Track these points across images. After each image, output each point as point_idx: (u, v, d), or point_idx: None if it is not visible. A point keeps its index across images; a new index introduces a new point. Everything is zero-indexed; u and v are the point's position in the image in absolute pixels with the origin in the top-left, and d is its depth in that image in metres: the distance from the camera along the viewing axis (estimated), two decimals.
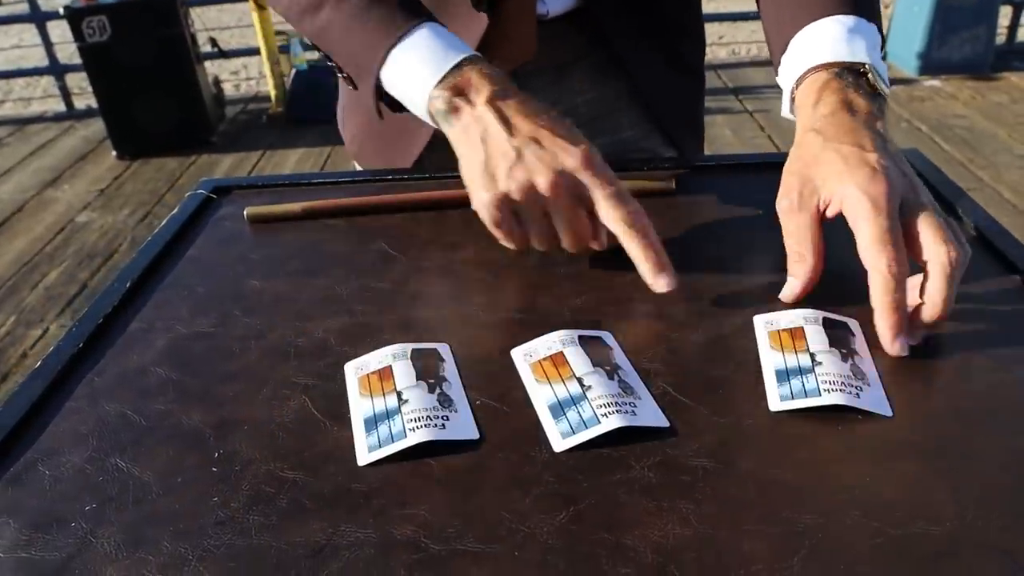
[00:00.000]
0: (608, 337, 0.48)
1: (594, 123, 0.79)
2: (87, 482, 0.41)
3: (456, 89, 0.54)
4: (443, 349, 0.48)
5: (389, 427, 0.42)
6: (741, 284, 0.53)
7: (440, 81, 0.54)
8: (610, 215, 0.50)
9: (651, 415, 0.42)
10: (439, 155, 0.78)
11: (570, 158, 0.50)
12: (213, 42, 3.72)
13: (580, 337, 0.48)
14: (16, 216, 3.00)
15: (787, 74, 0.58)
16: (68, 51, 3.61)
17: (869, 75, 0.54)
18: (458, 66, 0.54)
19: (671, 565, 0.34)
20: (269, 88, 3.79)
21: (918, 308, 0.46)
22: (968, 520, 0.36)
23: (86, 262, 2.62)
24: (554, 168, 0.50)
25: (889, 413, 0.42)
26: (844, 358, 0.45)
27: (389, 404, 0.44)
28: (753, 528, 0.36)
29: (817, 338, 0.47)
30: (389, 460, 0.41)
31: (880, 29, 0.57)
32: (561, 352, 0.47)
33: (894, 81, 3.73)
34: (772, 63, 0.62)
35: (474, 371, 0.47)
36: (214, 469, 0.41)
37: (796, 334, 0.47)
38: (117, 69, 3.30)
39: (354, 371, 0.47)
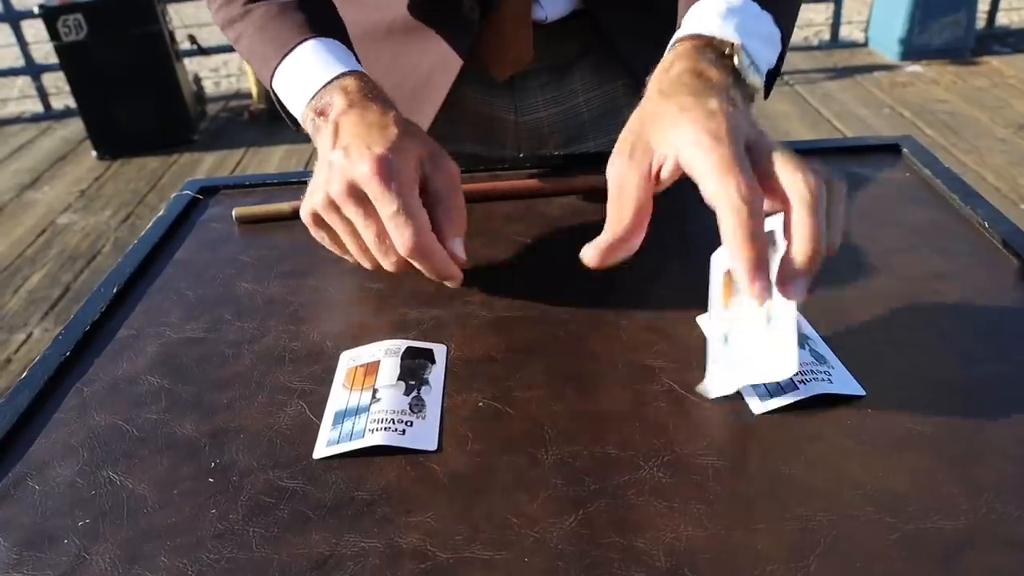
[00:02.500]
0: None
1: (596, 122, 0.78)
2: (79, 497, 0.40)
3: (318, 110, 0.54)
4: (439, 350, 0.47)
5: (353, 424, 0.42)
6: None
7: (309, 101, 0.55)
8: (392, 236, 0.48)
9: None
10: None
11: (362, 165, 0.48)
12: (192, 39, 3.67)
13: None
14: None
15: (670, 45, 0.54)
16: (45, 50, 3.55)
17: (734, 57, 0.48)
18: (328, 84, 0.55)
19: (685, 568, 0.33)
20: (250, 84, 3.75)
21: (788, 253, 0.39)
22: (983, 513, 0.35)
23: (68, 264, 2.58)
24: (346, 177, 0.49)
25: (862, 392, 0.42)
26: (801, 344, 0.44)
27: (362, 401, 0.43)
28: (767, 527, 0.35)
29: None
30: (391, 464, 0.40)
31: (780, 22, 0.52)
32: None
33: (877, 67, 3.74)
34: None
35: (475, 372, 0.46)
36: (211, 480, 0.40)
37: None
38: (95, 68, 3.25)
39: (346, 361, 0.47)
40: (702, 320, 0.48)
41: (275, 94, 0.60)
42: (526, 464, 0.39)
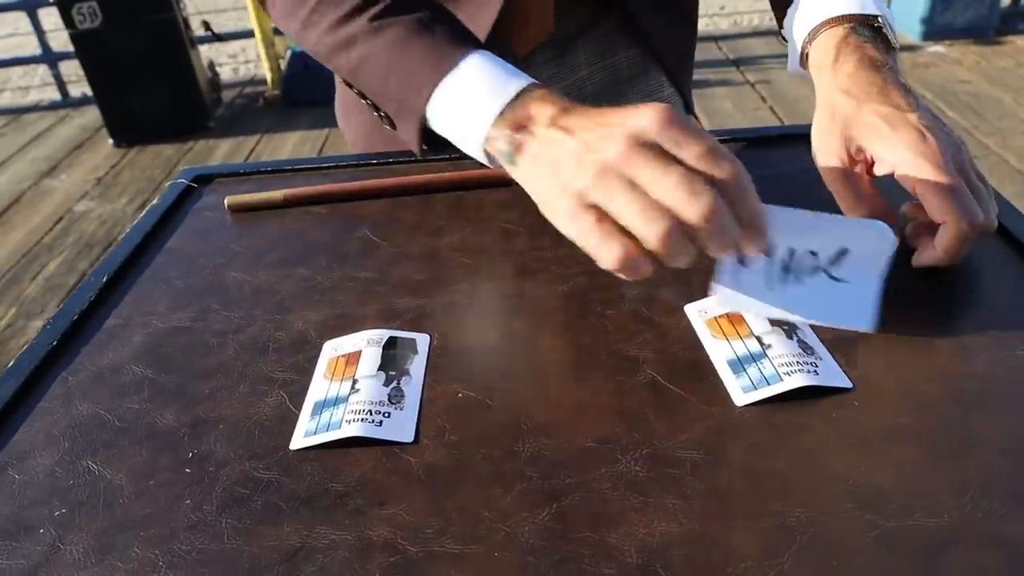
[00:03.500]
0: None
1: (599, 96, 0.77)
2: (58, 486, 0.40)
3: (516, 125, 0.46)
4: (421, 340, 0.47)
5: (331, 415, 0.41)
6: None
7: (498, 118, 0.47)
8: (715, 170, 0.39)
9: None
10: (443, 141, 0.76)
11: (642, 119, 0.40)
12: (206, 25, 3.67)
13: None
14: (14, 207, 2.98)
15: (799, 27, 0.58)
16: (63, 38, 3.57)
17: (884, 28, 0.54)
18: (517, 97, 0.47)
19: (656, 564, 0.32)
20: (265, 71, 3.75)
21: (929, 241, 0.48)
22: (968, 510, 0.34)
23: (85, 252, 2.60)
24: (625, 135, 0.40)
25: (849, 384, 0.41)
26: (789, 335, 0.44)
27: (342, 391, 0.43)
28: (743, 523, 0.34)
29: (757, 319, 0.45)
30: (367, 456, 0.39)
31: None
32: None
33: None
34: (774, 16, 0.61)
35: (457, 362, 0.45)
36: (188, 470, 0.40)
37: (735, 319, 0.45)
38: (110, 56, 3.26)
39: (329, 351, 0.47)
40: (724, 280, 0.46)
41: (425, 119, 0.52)
42: (502, 456, 0.39)
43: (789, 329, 0.44)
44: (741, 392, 0.41)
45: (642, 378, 0.43)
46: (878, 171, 0.50)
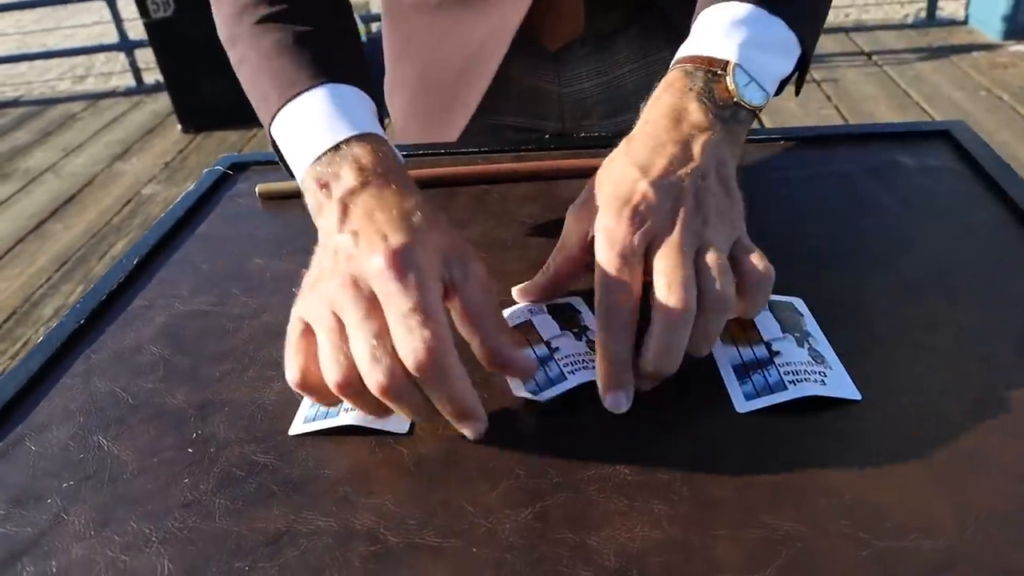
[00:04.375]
0: (578, 302, 0.47)
1: (641, 94, 0.75)
2: (69, 459, 0.41)
3: (321, 181, 0.44)
4: None
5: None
6: None
7: (311, 165, 0.45)
8: (398, 345, 0.36)
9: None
10: (480, 131, 0.76)
11: (373, 257, 0.38)
12: None
13: (548, 306, 0.47)
14: (87, 188, 3.12)
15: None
16: (140, 27, 3.70)
17: (728, 77, 0.46)
18: (335, 149, 0.45)
19: (633, 570, 0.32)
20: None
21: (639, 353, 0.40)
22: (968, 535, 0.33)
23: None
24: (349, 270, 0.39)
25: (857, 396, 0.39)
26: (800, 343, 0.42)
27: None
28: (728, 533, 0.33)
29: (768, 325, 0.44)
30: (360, 445, 0.40)
31: (795, 24, 0.48)
32: (529, 321, 0.46)
33: (976, 47, 3.52)
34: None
35: (461, 355, 0.45)
36: (190, 450, 0.41)
37: (745, 324, 0.44)
38: (181, 44, 3.37)
39: None
40: None
41: (272, 141, 0.51)
42: (493, 452, 0.38)
43: (800, 337, 0.43)
44: (744, 399, 0.40)
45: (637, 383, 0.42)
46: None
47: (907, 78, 3.26)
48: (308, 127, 0.46)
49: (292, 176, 0.49)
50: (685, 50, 0.49)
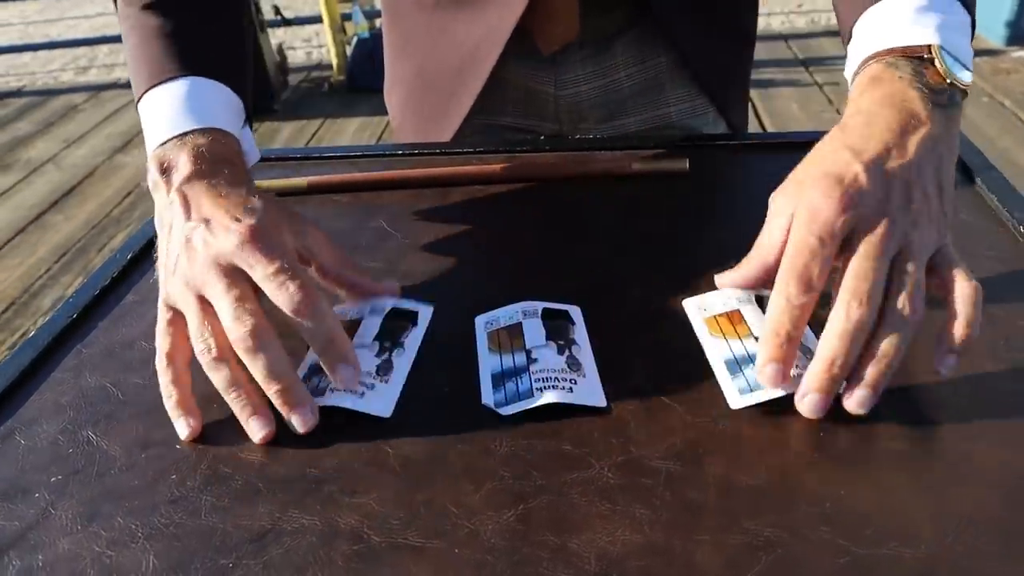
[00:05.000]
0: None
1: (637, 98, 0.76)
2: (58, 454, 0.41)
3: (162, 165, 0.48)
4: (424, 311, 0.49)
5: (319, 381, 0.43)
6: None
7: (157, 147, 0.49)
8: (275, 299, 0.41)
9: (588, 394, 0.41)
10: (475, 131, 0.77)
11: (230, 237, 0.42)
12: (276, 10, 3.76)
13: (544, 310, 0.47)
14: (88, 180, 3.12)
15: (848, 69, 0.50)
16: None
17: (936, 60, 0.44)
18: (179, 138, 0.48)
19: (613, 573, 0.32)
20: (331, 57, 3.82)
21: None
22: (947, 543, 0.33)
23: None
24: (210, 253, 0.42)
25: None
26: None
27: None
28: (709, 538, 0.34)
29: (757, 320, 0.44)
30: (346, 444, 0.40)
31: (969, 5, 0.47)
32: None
33: (978, 52, 3.51)
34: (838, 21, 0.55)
35: (447, 355, 0.46)
36: (178, 446, 0.41)
37: (734, 318, 0.44)
38: None
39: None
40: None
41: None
42: (478, 453, 0.39)
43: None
44: (738, 394, 0.40)
45: (629, 383, 0.42)
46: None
47: None
48: (162, 114, 0.50)
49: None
50: (870, 47, 0.46)
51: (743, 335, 0.43)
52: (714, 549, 0.33)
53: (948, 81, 0.44)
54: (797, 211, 0.40)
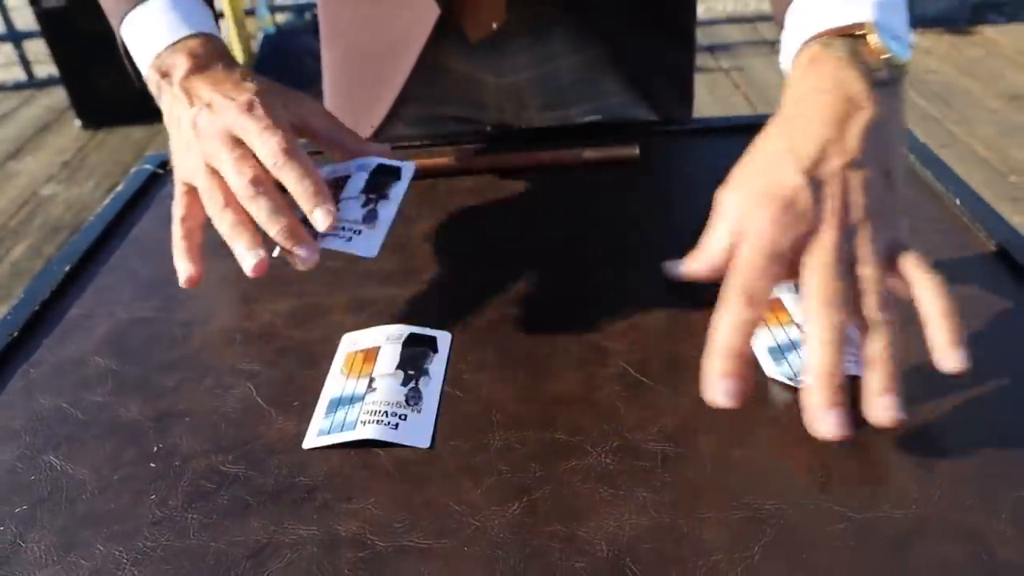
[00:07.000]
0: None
1: (576, 88, 0.76)
2: (18, 482, 0.39)
3: (161, 71, 0.52)
4: (443, 339, 0.46)
5: (346, 414, 0.40)
6: None
7: (153, 60, 0.52)
8: (261, 152, 0.46)
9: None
10: (418, 122, 0.76)
11: (231, 110, 0.47)
12: None
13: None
14: None
15: (785, 54, 0.50)
16: (29, 17, 3.47)
17: (869, 36, 0.43)
18: (173, 45, 0.52)
19: (626, 558, 0.32)
20: (235, 53, 3.69)
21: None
22: (935, 501, 0.34)
23: (51, 236, 2.55)
24: (216, 128, 0.47)
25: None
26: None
27: (358, 389, 0.42)
28: (713, 515, 0.34)
29: (796, 306, 0.45)
30: (335, 449, 0.39)
31: None
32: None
33: None
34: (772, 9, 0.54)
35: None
36: (152, 465, 0.39)
37: (775, 305, 0.45)
38: (76, 35, 3.17)
39: (347, 345, 0.46)
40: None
41: (122, 43, 0.56)
42: (472, 449, 0.38)
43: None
44: (786, 380, 0.41)
45: (613, 369, 0.43)
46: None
47: None
48: (152, 28, 0.53)
49: (138, 77, 0.56)
50: (806, 31, 0.46)
51: (784, 323, 0.44)
52: (720, 525, 0.34)
53: (884, 57, 0.43)
54: (744, 230, 0.40)
